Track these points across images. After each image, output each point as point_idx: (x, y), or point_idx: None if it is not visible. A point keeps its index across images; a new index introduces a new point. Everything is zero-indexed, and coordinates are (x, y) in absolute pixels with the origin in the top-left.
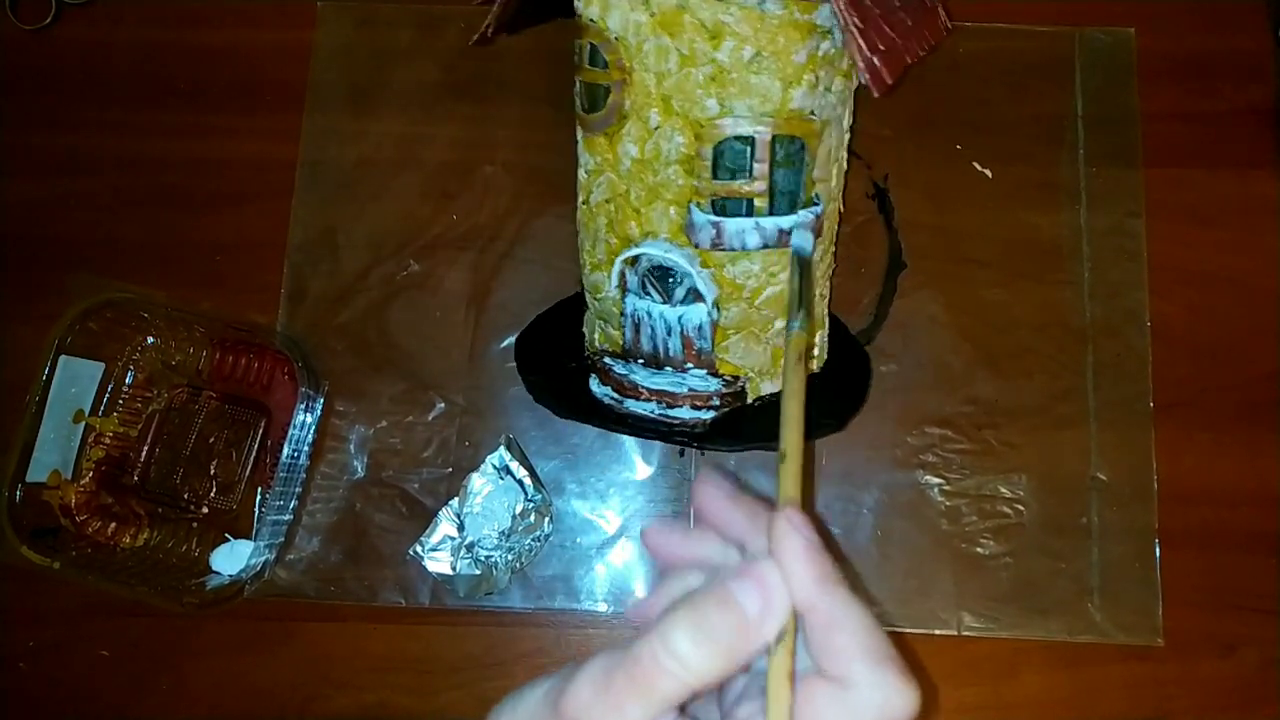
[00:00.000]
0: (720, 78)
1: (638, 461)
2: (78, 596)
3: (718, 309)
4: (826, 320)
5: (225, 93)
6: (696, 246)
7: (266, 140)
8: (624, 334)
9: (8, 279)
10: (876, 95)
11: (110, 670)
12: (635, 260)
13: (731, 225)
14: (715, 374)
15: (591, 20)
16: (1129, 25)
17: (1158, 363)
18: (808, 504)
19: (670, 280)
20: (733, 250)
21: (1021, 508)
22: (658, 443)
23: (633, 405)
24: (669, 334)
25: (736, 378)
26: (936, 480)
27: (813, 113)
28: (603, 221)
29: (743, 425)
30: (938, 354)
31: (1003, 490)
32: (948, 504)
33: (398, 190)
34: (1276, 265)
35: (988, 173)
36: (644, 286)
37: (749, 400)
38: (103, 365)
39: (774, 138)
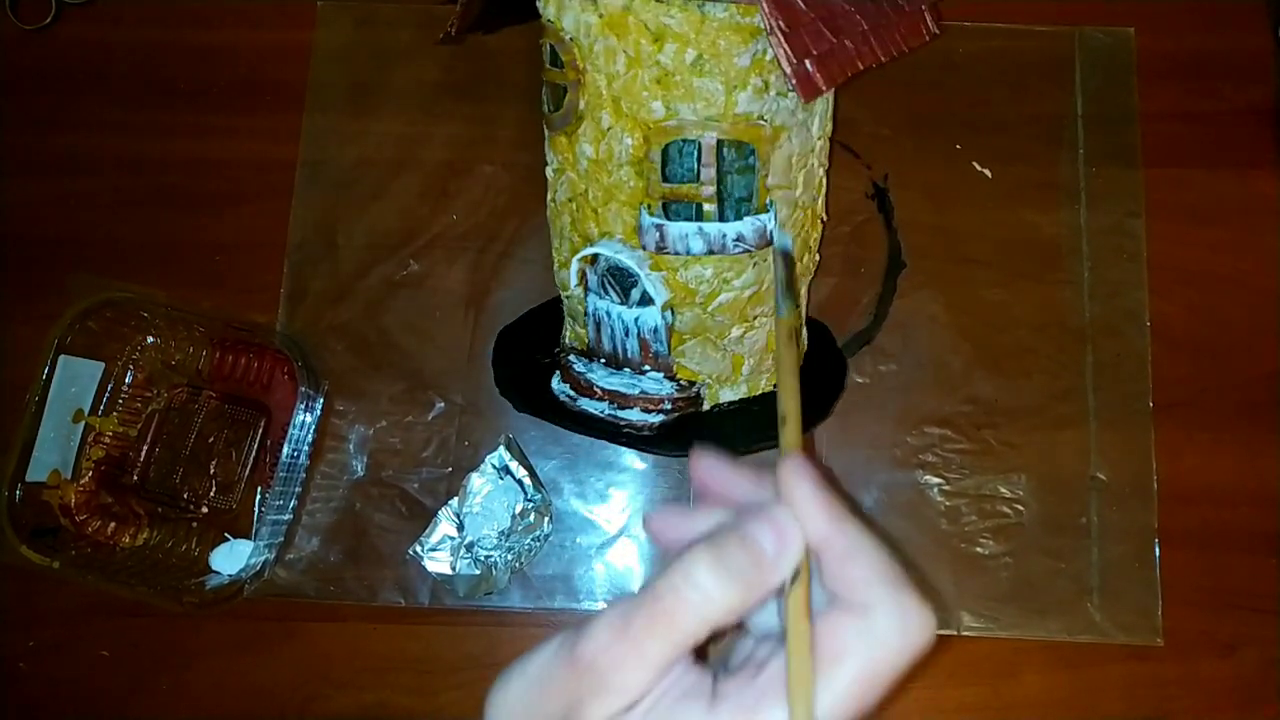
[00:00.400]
0: (665, 80)
1: (637, 460)
2: (78, 596)
3: (671, 313)
4: (804, 331)
5: (225, 93)
6: (645, 249)
7: (266, 140)
8: (589, 332)
9: (8, 279)
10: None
11: (110, 670)
12: (594, 259)
13: (675, 229)
14: (671, 378)
15: (549, 20)
16: (1129, 25)
17: (1157, 362)
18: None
19: (627, 281)
20: (677, 254)
21: (1021, 507)
22: None
23: (585, 404)
24: (627, 335)
25: (692, 383)
26: (936, 480)
27: (762, 118)
28: (566, 220)
29: (698, 431)
30: (937, 354)
31: (1002, 490)
32: (947, 504)
33: (397, 190)
34: (1276, 265)
35: (987, 172)
36: (603, 286)
37: (706, 407)
38: (102, 365)
39: (720, 142)
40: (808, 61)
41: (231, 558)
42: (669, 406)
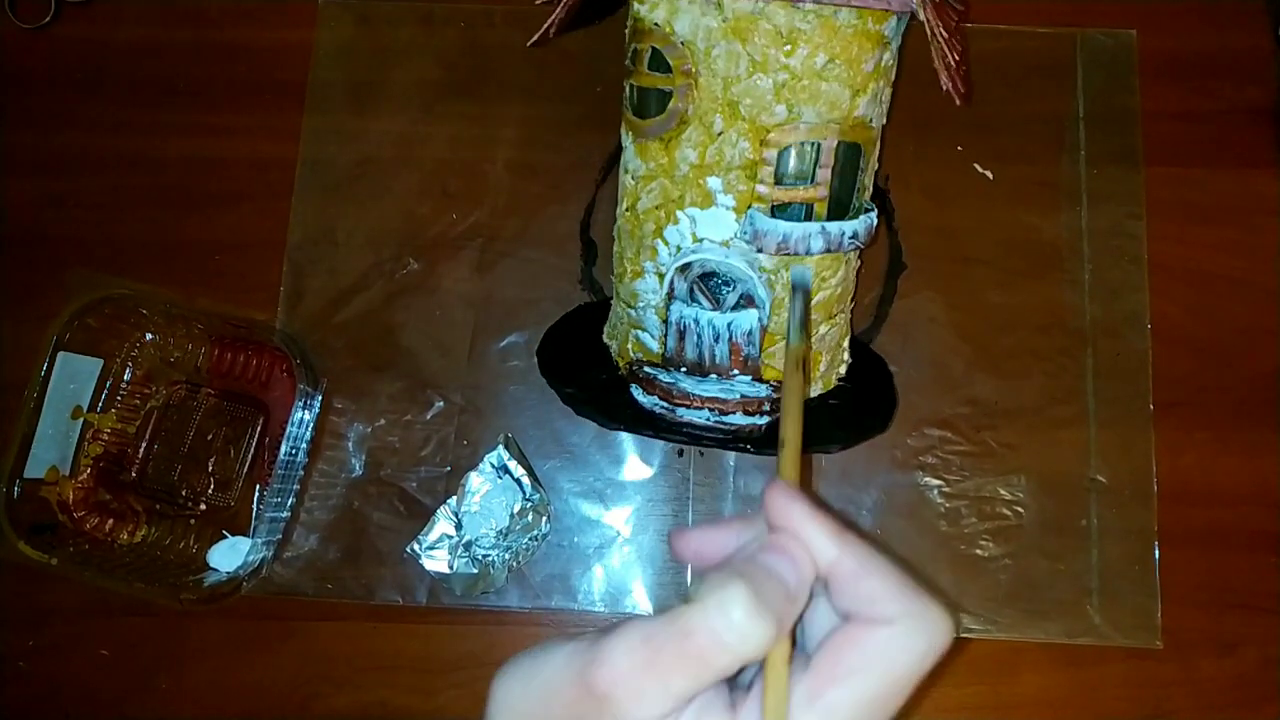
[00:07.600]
0: (791, 84)
1: (637, 462)
2: (77, 595)
3: (768, 314)
4: (846, 339)
5: (225, 92)
6: (760, 251)
7: (266, 139)
8: (666, 343)
9: (8, 278)
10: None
11: (110, 670)
12: (686, 267)
13: (798, 230)
14: (760, 379)
15: (656, 24)
16: (1130, 26)
17: (1158, 362)
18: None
19: (722, 287)
20: (796, 254)
21: (1021, 509)
22: (658, 443)
23: (686, 413)
24: (716, 341)
25: (781, 383)
26: (936, 482)
27: (871, 121)
28: (650, 227)
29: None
30: (937, 355)
31: (1002, 492)
32: (947, 505)
33: (398, 189)
34: (1276, 265)
35: (988, 173)
36: (692, 293)
37: None
38: (101, 362)
39: (839, 144)
40: (960, 66)
41: (230, 555)
42: (768, 408)
